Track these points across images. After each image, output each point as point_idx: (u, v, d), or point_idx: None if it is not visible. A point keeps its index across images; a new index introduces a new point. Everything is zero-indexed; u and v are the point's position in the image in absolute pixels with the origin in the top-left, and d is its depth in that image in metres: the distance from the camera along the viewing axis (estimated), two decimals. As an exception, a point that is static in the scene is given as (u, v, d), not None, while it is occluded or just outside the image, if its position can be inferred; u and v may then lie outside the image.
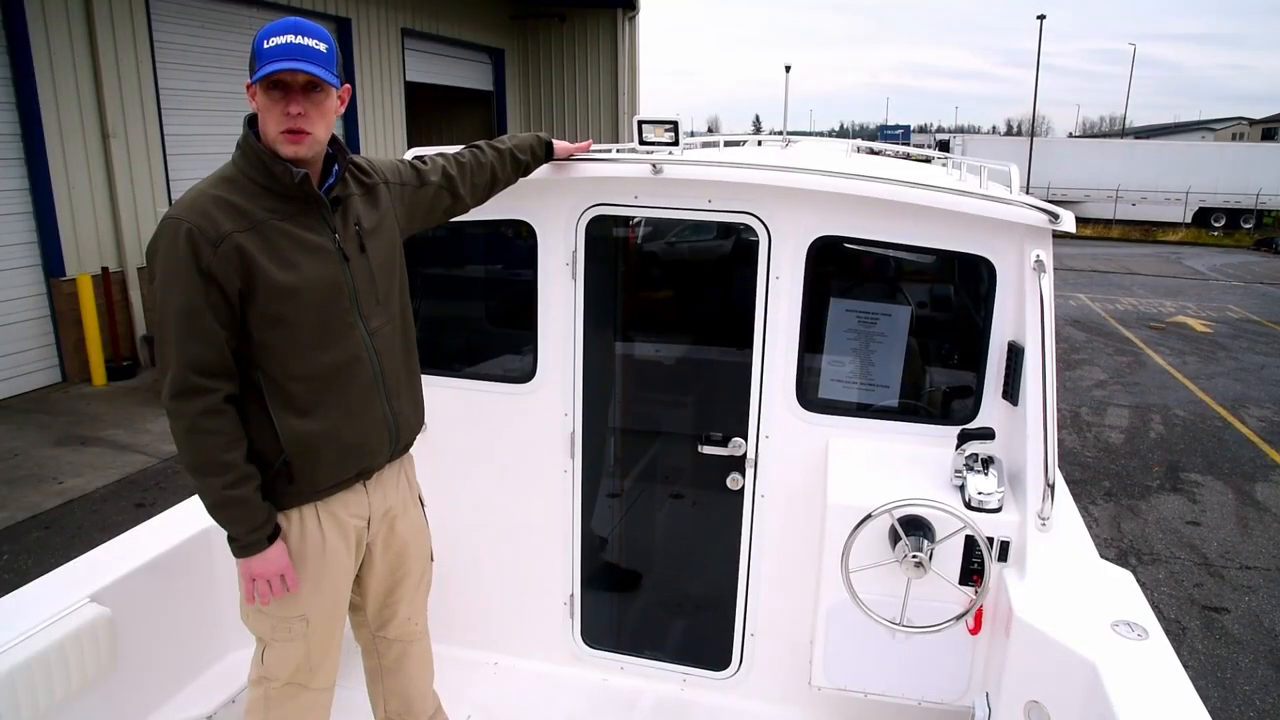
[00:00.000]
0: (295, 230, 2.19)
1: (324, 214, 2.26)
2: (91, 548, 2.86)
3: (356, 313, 2.30)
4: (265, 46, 2.09)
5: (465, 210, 2.76)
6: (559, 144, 3.01)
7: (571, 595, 3.56)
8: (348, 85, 2.27)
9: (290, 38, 2.09)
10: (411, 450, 2.64)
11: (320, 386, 2.24)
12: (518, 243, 3.34)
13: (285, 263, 2.16)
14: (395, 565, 2.58)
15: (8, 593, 2.58)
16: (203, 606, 3.02)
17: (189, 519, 3.04)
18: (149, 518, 3.10)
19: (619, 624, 3.69)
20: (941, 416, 3.09)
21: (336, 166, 2.30)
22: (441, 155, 2.73)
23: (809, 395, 3.16)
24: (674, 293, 3.64)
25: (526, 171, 2.91)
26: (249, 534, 2.18)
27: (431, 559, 2.75)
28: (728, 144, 5.06)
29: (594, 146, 3.13)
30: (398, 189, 2.52)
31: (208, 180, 2.19)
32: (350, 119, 15.01)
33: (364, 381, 2.32)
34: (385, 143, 15.88)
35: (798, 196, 2.98)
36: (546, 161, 2.98)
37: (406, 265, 2.53)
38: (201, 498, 2.18)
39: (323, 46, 2.15)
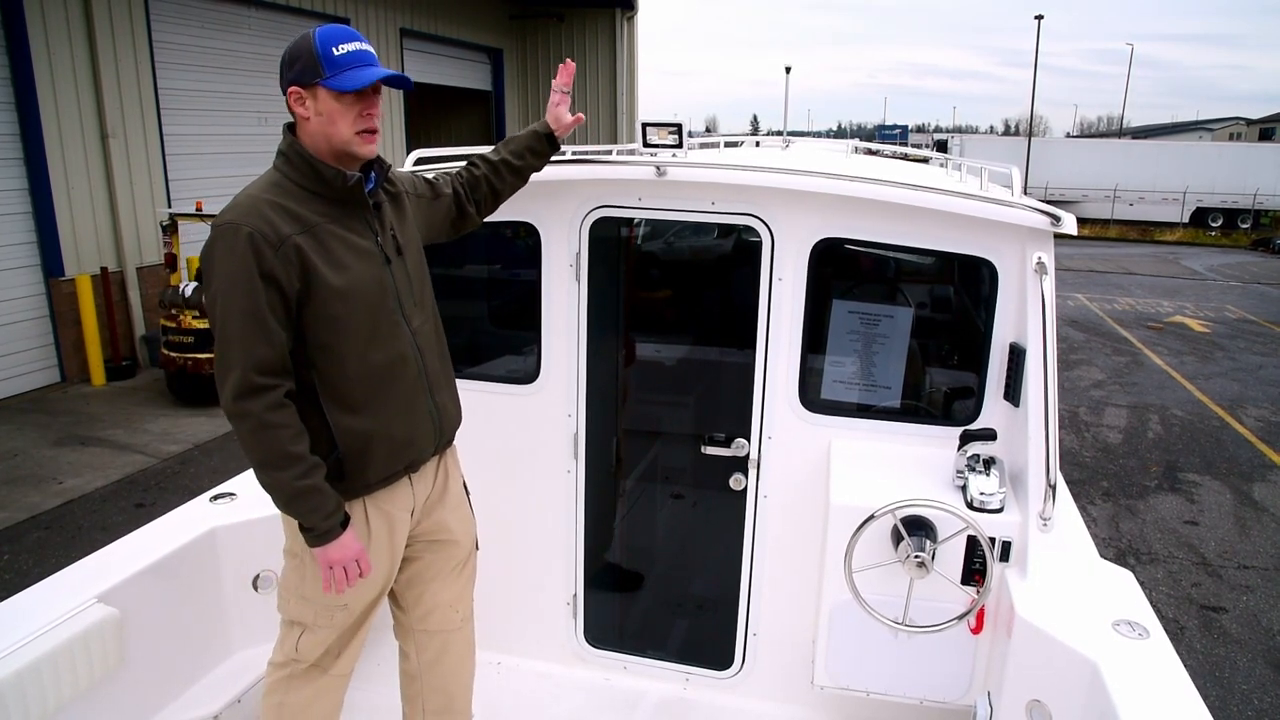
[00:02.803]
0: (344, 233, 2.26)
1: (367, 217, 2.33)
2: (92, 548, 2.87)
3: (400, 313, 2.37)
4: (337, 53, 2.17)
5: (475, 225, 2.79)
6: (557, 124, 2.82)
7: (574, 595, 3.57)
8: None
9: (358, 45, 2.21)
10: (455, 443, 2.71)
11: (373, 384, 2.31)
12: (521, 244, 3.35)
13: (338, 265, 2.22)
14: (437, 551, 2.63)
15: (10, 593, 2.59)
16: (209, 606, 3.03)
17: (195, 519, 3.06)
18: (149, 518, 3.11)
19: (622, 624, 3.71)
20: (943, 417, 3.11)
21: (374, 173, 2.36)
22: (446, 174, 2.77)
23: (811, 396, 3.17)
24: (677, 293, 3.65)
25: (528, 173, 2.85)
26: (324, 521, 2.22)
27: (476, 547, 2.79)
28: (727, 144, 5.07)
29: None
30: (413, 199, 2.58)
31: (256, 185, 2.24)
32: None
33: (411, 378, 2.39)
34: (384, 143, 15.85)
35: (801, 199, 3.00)
36: (553, 151, 2.85)
37: None
38: (274, 493, 2.21)
39: (373, 49, 2.27)
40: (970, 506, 2.68)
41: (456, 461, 2.73)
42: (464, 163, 2.83)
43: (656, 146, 3.06)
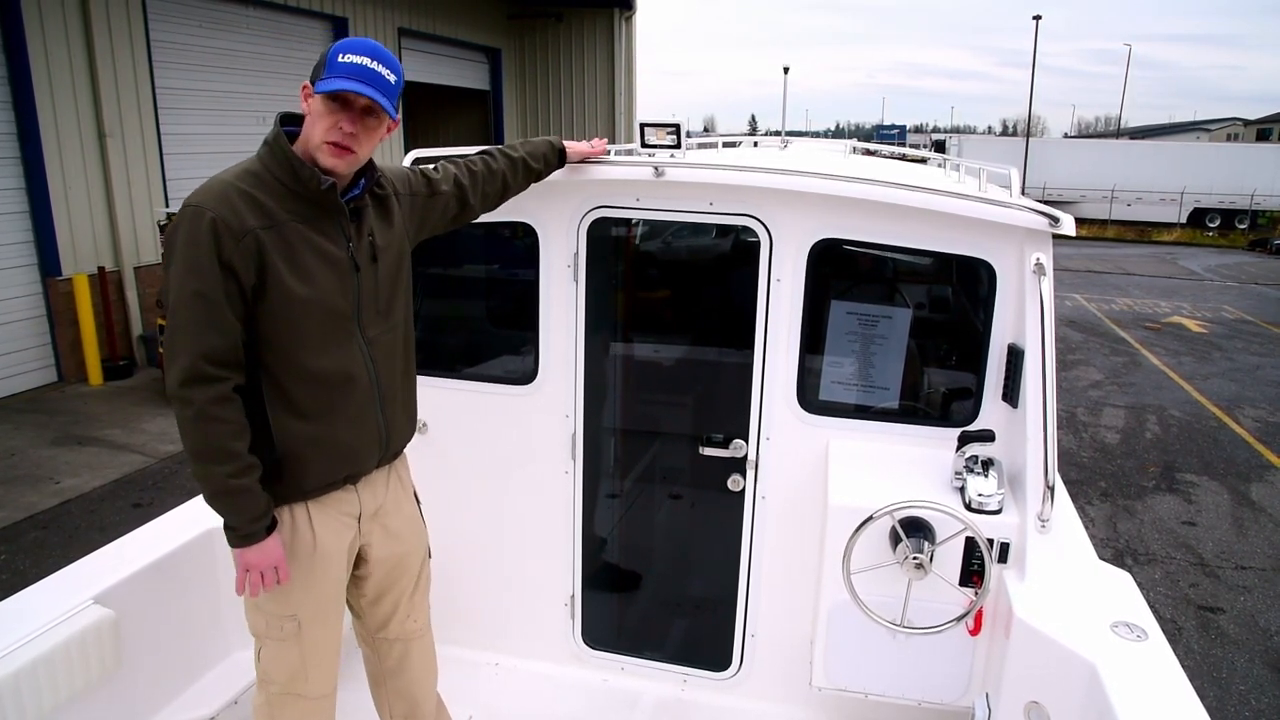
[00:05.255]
0: (312, 235, 2.21)
1: (341, 222, 2.28)
2: (89, 548, 2.87)
3: (358, 323, 2.32)
4: (339, 60, 2.14)
5: (474, 217, 2.77)
6: (571, 147, 3.00)
7: (572, 596, 3.57)
8: (398, 120, 2.30)
9: (366, 60, 2.15)
10: (405, 452, 2.65)
11: (320, 391, 2.26)
12: (519, 244, 3.35)
13: (299, 267, 2.18)
14: (391, 563, 2.58)
15: (7, 594, 2.59)
16: (206, 608, 3.03)
17: (192, 520, 3.05)
18: (147, 518, 3.10)
19: (620, 624, 3.70)
20: (941, 418, 3.11)
21: (363, 180, 2.33)
22: (453, 161, 2.74)
23: (809, 397, 3.17)
24: (675, 294, 3.65)
25: (539, 178, 2.91)
26: (249, 524, 2.18)
27: (429, 555, 2.75)
28: (725, 145, 5.07)
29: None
30: (408, 199, 2.53)
31: (232, 171, 2.19)
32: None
33: (361, 390, 2.34)
34: (384, 143, 15.84)
35: (800, 199, 2.99)
36: (559, 167, 2.97)
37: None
38: (203, 485, 2.17)
39: (392, 78, 2.20)
40: (968, 508, 2.68)
41: (407, 469, 2.68)
42: (477, 153, 2.80)
43: (655, 147, 3.06)
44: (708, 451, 3.27)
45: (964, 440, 2.80)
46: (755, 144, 5.62)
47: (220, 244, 2.06)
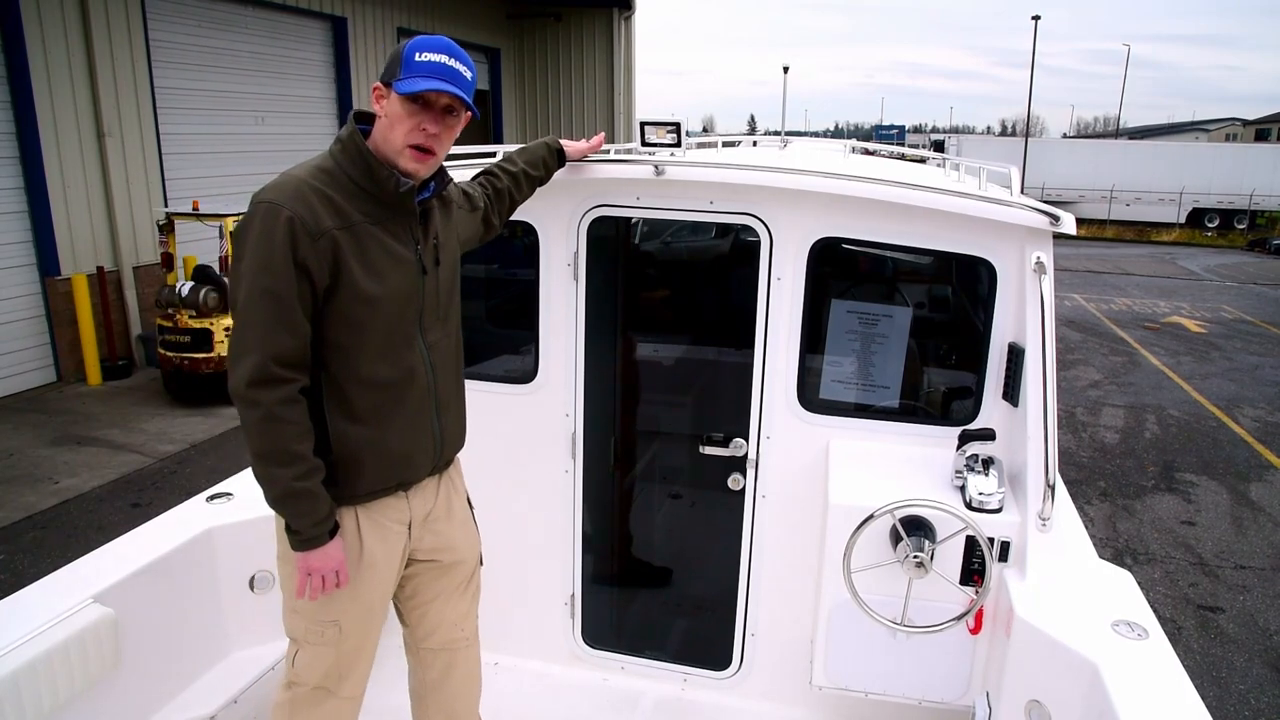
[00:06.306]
0: (384, 237, 2.19)
1: (411, 224, 2.27)
2: (88, 548, 2.86)
3: (419, 326, 2.30)
4: (417, 59, 2.10)
5: (494, 236, 2.77)
6: (570, 146, 2.98)
7: (572, 595, 3.56)
8: (477, 115, 2.29)
9: (444, 58, 2.12)
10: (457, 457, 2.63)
11: (378, 395, 2.24)
12: (519, 243, 3.34)
13: (371, 268, 2.16)
14: (441, 568, 2.55)
15: (6, 593, 2.58)
16: (205, 607, 3.02)
17: (192, 519, 3.05)
18: (145, 518, 3.10)
19: (620, 624, 3.70)
20: (942, 417, 3.10)
21: (433, 183, 2.31)
22: (472, 184, 2.73)
23: (810, 396, 3.17)
24: (675, 293, 3.64)
25: (542, 184, 2.91)
26: (312, 527, 2.15)
27: (480, 563, 2.71)
28: (725, 144, 5.07)
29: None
30: (456, 210, 2.53)
31: (305, 169, 2.16)
32: (346, 119, 14.97)
33: (419, 395, 2.32)
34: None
35: (800, 198, 2.99)
36: (560, 167, 2.96)
37: None
38: (266, 488, 2.14)
39: (469, 74, 2.18)
40: (969, 506, 2.68)
41: (460, 475, 2.66)
42: (480, 175, 2.79)
43: (655, 146, 3.05)
44: (708, 450, 3.27)
45: (964, 439, 2.80)
46: (755, 144, 5.62)
47: (296, 243, 2.03)
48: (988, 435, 2.79)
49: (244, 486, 3.26)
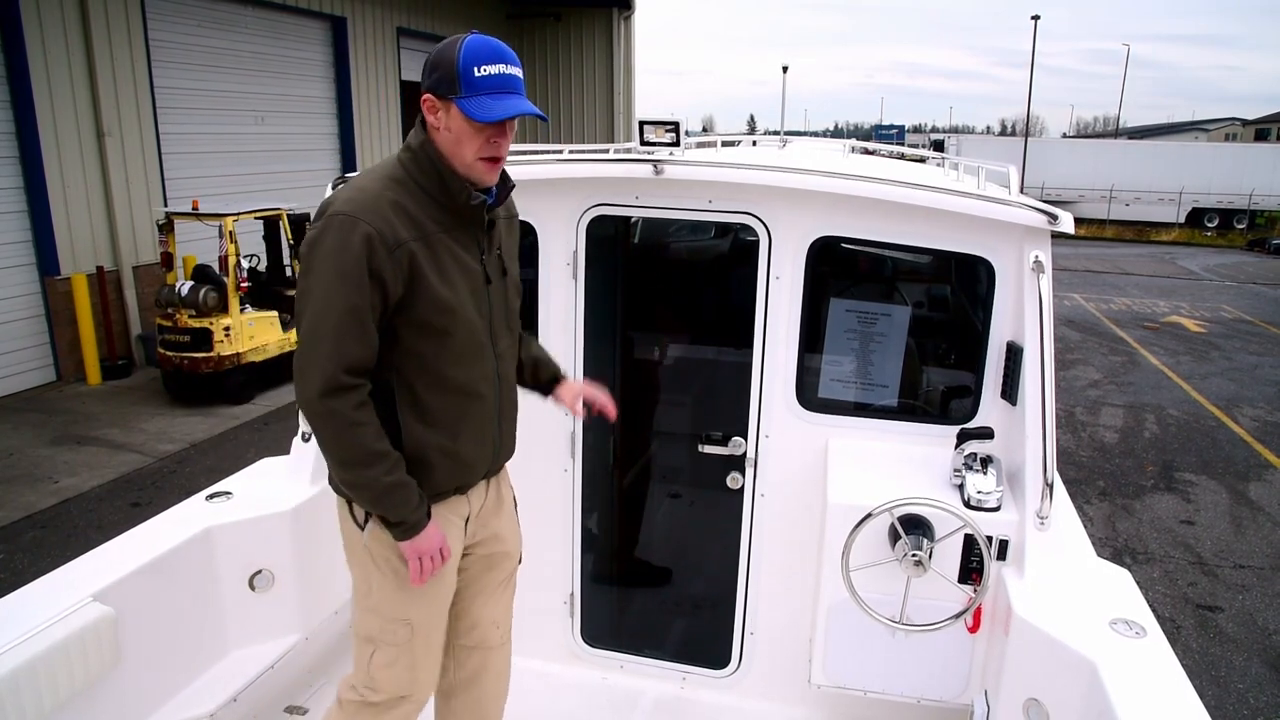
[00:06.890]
0: (454, 246, 2.20)
1: (478, 235, 2.28)
2: (88, 547, 2.86)
3: (489, 335, 2.32)
4: (478, 74, 2.06)
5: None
6: (569, 389, 2.71)
7: (572, 594, 3.57)
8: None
9: (503, 67, 2.09)
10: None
11: (452, 402, 2.26)
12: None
13: (447, 278, 2.17)
14: (487, 562, 2.58)
15: (5, 592, 2.58)
16: (205, 605, 3.02)
17: (191, 518, 3.04)
18: (145, 517, 3.09)
19: (619, 623, 3.70)
20: (941, 416, 3.11)
21: (495, 190, 2.29)
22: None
23: (809, 395, 3.17)
24: (674, 292, 3.65)
25: (520, 375, 2.63)
26: (412, 513, 2.18)
27: (520, 560, 2.73)
28: (724, 144, 5.07)
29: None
30: (515, 223, 2.56)
31: (375, 179, 2.16)
32: (346, 119, 15.00)
33: (488, 403, 2.35)
34: (381, 143, 15.86)
35: (798, 197, 2.99)
36: (541, 392, 2.71)
37: None
38: (360, 493, 2.17)
39: (522, 74, 2.17)
40: (967, 505, 2.68)
41: (507, 475, 2.68)
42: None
43: (654, 145, 3.05)
44: (707, 449, 3.27)
45: (963, 438, 2.80)
46: (754, 143, 5.62)
47: (373, 255, 2.04)
48: (986, 434, 2.80)
49: (243, 485, 3.26)
